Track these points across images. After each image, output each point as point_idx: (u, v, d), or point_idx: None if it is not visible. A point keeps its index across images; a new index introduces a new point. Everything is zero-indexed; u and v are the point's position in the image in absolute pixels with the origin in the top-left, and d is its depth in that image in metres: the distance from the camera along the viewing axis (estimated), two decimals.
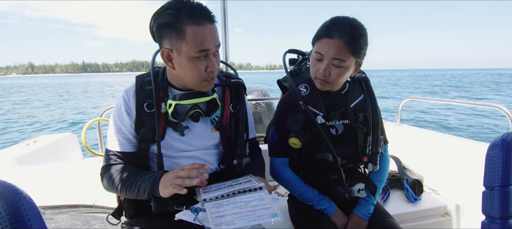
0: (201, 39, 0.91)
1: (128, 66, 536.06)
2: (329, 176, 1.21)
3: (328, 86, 1.15)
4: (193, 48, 0.91)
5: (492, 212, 0.67)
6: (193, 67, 0.95)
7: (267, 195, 0.88)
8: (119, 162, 1.03)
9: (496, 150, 0.67)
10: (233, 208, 0.82)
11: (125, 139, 1.03)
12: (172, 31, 0.91)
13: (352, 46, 1.04)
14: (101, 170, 1.05)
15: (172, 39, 0.92)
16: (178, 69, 0.98)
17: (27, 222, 0.38)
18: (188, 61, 0.94)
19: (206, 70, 0.97)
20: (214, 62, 0.98)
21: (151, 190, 0.91)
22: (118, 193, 1.01)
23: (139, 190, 0.94)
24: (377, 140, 1.18)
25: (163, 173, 0.93)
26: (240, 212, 0.79)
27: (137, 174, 0.98)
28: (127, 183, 0.96)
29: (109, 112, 2.40)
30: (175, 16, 0.89)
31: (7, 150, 2.57)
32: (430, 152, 2.14)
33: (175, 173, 0.89)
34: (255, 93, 3.22)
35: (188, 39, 0.90)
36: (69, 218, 1.55)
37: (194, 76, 0.97)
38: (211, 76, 1.00)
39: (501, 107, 1.84)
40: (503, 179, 0.65)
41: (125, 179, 0.97)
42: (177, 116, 1.01)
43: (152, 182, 0.91)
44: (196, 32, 0.90)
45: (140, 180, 0.95)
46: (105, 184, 1.02)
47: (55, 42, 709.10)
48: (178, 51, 0.93)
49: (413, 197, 1.64)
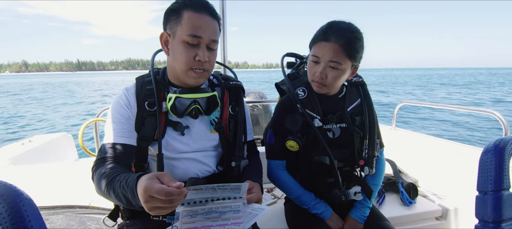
0: (195, 24, 0.94)
1: (124, 65, 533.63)
2: (326, 179, 1.22)
3: (325, 89, 1.16)
4: (186, 31, 0.94)
5: (485, 216, 0.69)
6: (182, 51, 0.96)
7: (245, 207, 0.86)
8: (112, 157, 0.95)
9: (489, 155, 0.69)
10: (205, 219, 0.80)
11: (124, 131, 1.00)
12: (173, 15, 0.97)
13: (348, 49, 1.06)
14: (92, 169, 0.96)
15: (172, 23, 0.97)
16: (171, 54, 1.01)
17: (28, 222, 0.38)
18: (179, 45, 0.96)
19: (195, 58, 0.97)
20: (204, 53, 0.97)
21: (136, 205, 0.77)
22: (105, 198, 0.90)
23: (121, 200, 0.81)
24: (373, 144, 1.19)
25: (136, 181, 0.75)
26: (210, 226, 0.78)
27: (117, 180, 0.83)
28: (111, 190, 0.83)
29: (106, 112, 2.39)
30: (180, 3, 0.96)
31: (1, 149, 2.55)
32: (425, 156, 2.16)
33: (149, 201, 0.70)
34: (252, 95, 3.24)
35: (183, 22, 0.94)
36: (64, 219, 1.54)
37: (182, 61, 0.97)
38: (200, 67, 0.99)
39: (494, 112, 1.86)
40: (496, 184, 0.67)
41: (109, 187, 0.84)
42: (176, 112, 1.01)
43: (130, 192, 0.76)
44: (192, 17, 0.94)
45: (120, 189, 0.80)
46: (95, 187, 0.92)
47: (49, 40, 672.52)
48: (174, 35, 0.97)
49: (408, 200, 1.65)
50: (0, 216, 0.38)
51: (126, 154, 0.99)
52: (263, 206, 0.89)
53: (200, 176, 1.09)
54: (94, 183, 0.92)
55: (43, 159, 2.59)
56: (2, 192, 0.39)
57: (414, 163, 2.11)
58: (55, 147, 2.81)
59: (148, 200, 0.69)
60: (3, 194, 0.39)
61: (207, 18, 0.96)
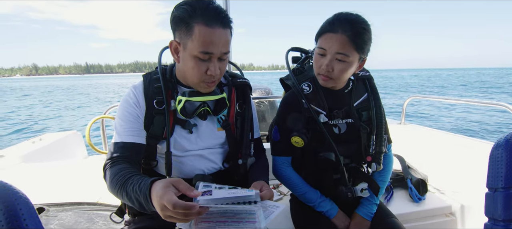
0: (207, 40, 0.90)
1: (131, 67, 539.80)
2: (332, 176, 1.20)
3: (331, 83, 1.13)
4: (197, 48, 0.91)
5: (495, 215, 0.66)
6: (194, 66, 0.95)
7: (260, 204, 0.83)
8: (123, 156, 0.96)
9: (500, 150, 0.66)
10: (220, 216, 0.79)
11: (133, 129, 1.00)
12: (183, 26, 0.92)
13: (355, 40, 1.03)
14: (103, 168, 0.97)
15: (181, 33, 0.93)
16: (182, 63, 0.99)
17: (23, 221, 0.38)
18: (191, 59, 0.94)
19: (206, 72, 0.96)
20: (216, 67, 0.95)
21: (149, 209, 0.78)
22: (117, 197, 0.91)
23: (134, 203, 0.82)
24: (380, 140, 1.17)
25: (151, 185, 0.76)
26: (225, 221, 0.78)
27: (130, 183, 0.84)
28: (125, 192, 0.84)
29: (113, 109, 2.42)
30: (189, 12, 0.90)
31: (13, 147, 2.61)
32: (435, 151, 2.12)
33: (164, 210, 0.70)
34: (258, 91, 3.23)
35: (194, 37, 0.90)
36: (73, 216, 1.56)
37: (194, 74, 0.97)
38: (211, 80, 0.99)
39: (505, 104, 1.81)
40: (507, 181, 0.64)
41: (121, 185, 0.86)
42: (185, 113, 1.01)
43: (143, 197, 0.77)
44: (204, 33, 0.90)
45: (133, 193, 0.81)
46: (107, 186, 0.93)
47: (58, 44, 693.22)
48: (185, 46, 0.94)
49: (417, 197, 1.62)
50: None
51: (136, 152, 1.00)
52: (277, 203, 0.88)
53: (206, 173, 1.09)
54: (106, 182, 0.94)
55: (53, 157, 2.63)
56: None
57: (424, 158, 2.06)
58: (64, 145, 2.86)
59: (163, 208, 0.70)
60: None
61: (219, 31, 0.91)
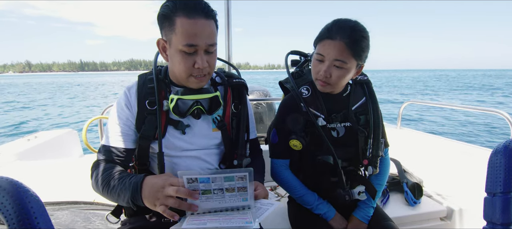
0: (189, 32, 0.89)
1: (126, 65, 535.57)
2: (330, 178, 1.21)
3: (329, 88, 1.15)
4: (181, 41, 0.90)
5: (494, 219, 0.68)
6: (180, 61, 0.94)
7: (254, 203, 0.86)
8: (110, 159, 1.00)
9: (499, 156, 0.68)
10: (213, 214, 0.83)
11: (122, 135, 1.01)
12: (166, 22, 0.92)
13: (353, 48, 1.04)
14: (91, 168, 1.01)
15: (166, 30, 0.93)
16: (170, 61, 0.99)
17: (34, 219, 0.38)
18: (177, 54, 0.93)
19: (194, 65, 0.94)
20: (203, 59, 0.94)
21: (132, 199, 0.86)
22: (101, 195, 0.96)
23: (119, 196, 0.89)
24: (377, 143, 1.18)
25: (143, 178, 0.86)
26: (218, 219, 0.80)
27: (119, 178, 0.92)
28: (108, 187, 0.91)
29: (109, 110, 2.40)
30: (170, 7, 0.90)
31: (7, 145, 2.58)
32: (430, 155, 2.14)
33: (161, 190, 0.81)
34: (256, 93, 3.23)
35: (177, 30, 0.90)
36: (69, 215, 1.55)
37: (181, 70, 0.95)
38: (200, 74, 0.97)
39: (502, 112, 1.84)
40: (505, 186, 0.66)
41: (106, 182, 0.92)
42: (178, 112, 1.00)
43: (132, 190, 0.85)
44: (186, 25, 0.89)
45: (120, 186, 0.89)
46: (92, 184, 0.99)
47: (54, 41, 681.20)
48: (170, 43, 0.94)
49: (413, 200, 1.64)
50: (7, 213, 0.37)
51: (123, 156, 1.02)
52: (272, 201, 0.88)
53: None
54: (91, 180, 0.99)
55: (48, 155, 2.61)
56: (9, 189, 0.39)
57: (419, 162, 2.09)
58: (60, 143, 2.83)
59: (164, 186, 0.80)
60: (9, 191, 0.39)
61: (201, 22, 0.90)
